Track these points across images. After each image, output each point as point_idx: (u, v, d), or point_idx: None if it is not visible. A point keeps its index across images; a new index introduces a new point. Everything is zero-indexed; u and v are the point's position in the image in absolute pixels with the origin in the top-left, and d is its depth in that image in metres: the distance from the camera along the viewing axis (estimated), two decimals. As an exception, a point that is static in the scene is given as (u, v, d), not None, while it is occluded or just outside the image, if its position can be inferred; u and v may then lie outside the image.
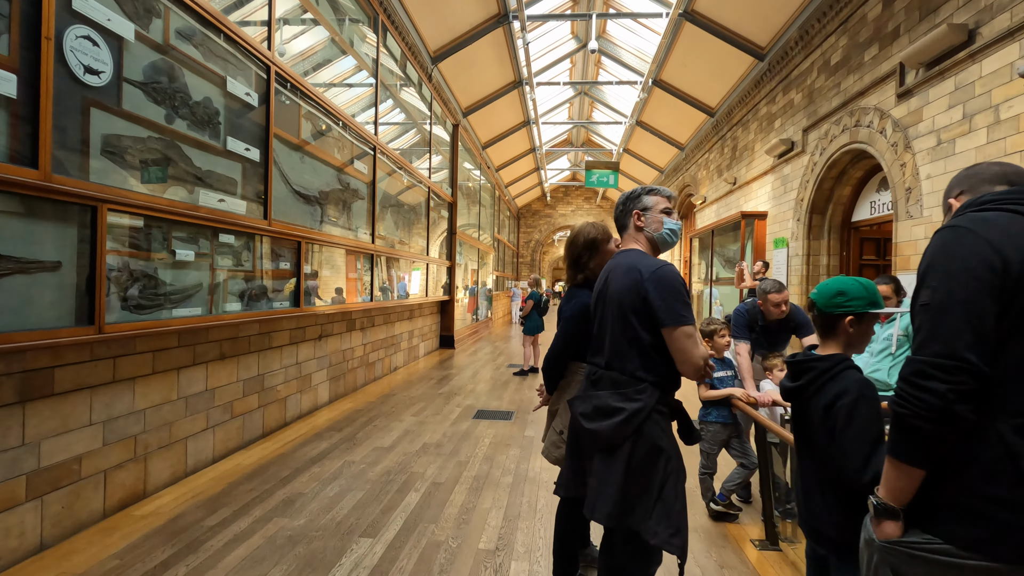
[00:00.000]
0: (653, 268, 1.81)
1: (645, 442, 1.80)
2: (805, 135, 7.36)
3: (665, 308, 1.74)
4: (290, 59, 5.50)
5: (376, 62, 6.59)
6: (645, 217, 1.96)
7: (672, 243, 1.97)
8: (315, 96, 4.88)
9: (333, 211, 5.47)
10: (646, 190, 2.00)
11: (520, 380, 7.57)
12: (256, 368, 4.36)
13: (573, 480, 2.03)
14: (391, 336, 7.80)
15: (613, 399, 1.86)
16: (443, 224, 10.67)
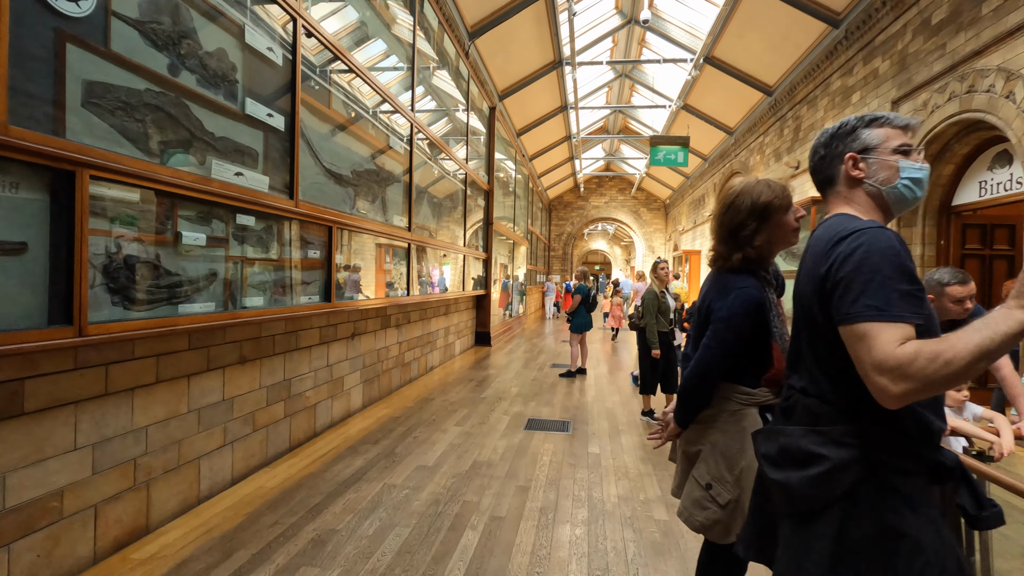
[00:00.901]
0: (846, 233, 1.13)
1: (866, 518, 1.10)
2: (895, 107, 6.46)
3: (845, 293, 1.06)
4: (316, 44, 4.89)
5: (413, 34, 5.95)
6: (868, 162, 1.25)
7: (913, 201, 1.25)
8: (347, 59, 4.26)
9: (367, 195, 4.86)
10: (866, 119, 1.28)
11: (568, 383, 6.89)
12: (282, 372, 3.78)
13: (759, 539, 1.34)
14: (427, 333, 7.21)
15: (807, 440, 1.18)
16: (478, 214, 10.03)
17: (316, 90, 4.03)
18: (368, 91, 4.89)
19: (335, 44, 4.05)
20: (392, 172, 5.51)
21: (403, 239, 5.68)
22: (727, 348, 1.51)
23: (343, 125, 4.48)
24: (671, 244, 23.31)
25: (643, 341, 5.04)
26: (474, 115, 9.20)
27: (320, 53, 4.01)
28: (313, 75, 3.94)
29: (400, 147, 5.77)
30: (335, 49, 4.05)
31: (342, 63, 4.27)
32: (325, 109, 4.09)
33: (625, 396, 6.17)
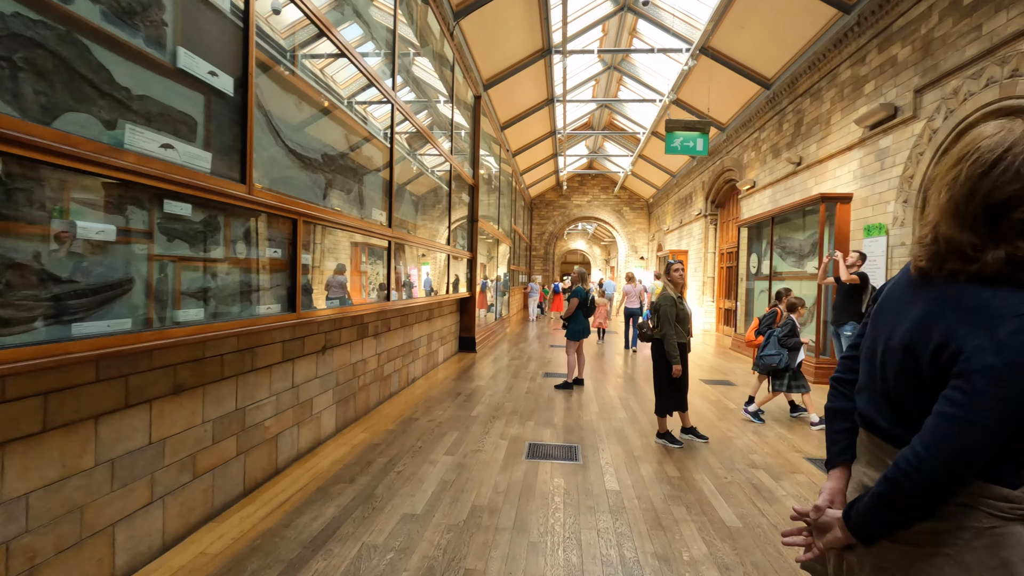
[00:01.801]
0: None
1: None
2: (918, 97, 5.99)
3: None
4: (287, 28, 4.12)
5: (395, 9, 5.22)
6: None
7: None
8: (315, 16, 3.52)
9: (341, 185, 4.13)
10: None
11: (566, 396, 6.25)
12: (233, 400, 3.04)
13: None
14: (409, 342, 6.48)
15: None
16: (462, 211, 9.32)
17: (276, 48, 3.30)
18: (341, 66, 4.16)
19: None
20: (370, 160, 4.78)
21: (383, 236, 4.96)
22: (1002, 421, 0.86)
23: (313, 100, 3.75)
24: (654, 244, 22.92)
25: (660, 354, 4.42)
26: (459, 104, 8.49)
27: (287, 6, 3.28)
28: (274, 36, 3.20)
29: (380, 133, 5.04)
30: (301, 3, 3.32)
31: (312, 25, 3.53)
32: (290, 77, 3.35)
33: (632, 411, 5.55)
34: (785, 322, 5.22)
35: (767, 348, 5.22)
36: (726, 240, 14.45)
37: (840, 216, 7.39)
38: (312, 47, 3.74)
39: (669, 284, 4.53)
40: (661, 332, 4.37)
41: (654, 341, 4.48)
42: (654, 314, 4.48)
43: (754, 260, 10.72)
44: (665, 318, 4.35)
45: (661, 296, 4.44)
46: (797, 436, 4.79)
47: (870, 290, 6.15)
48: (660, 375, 4.43)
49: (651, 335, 4.50)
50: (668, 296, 4.40)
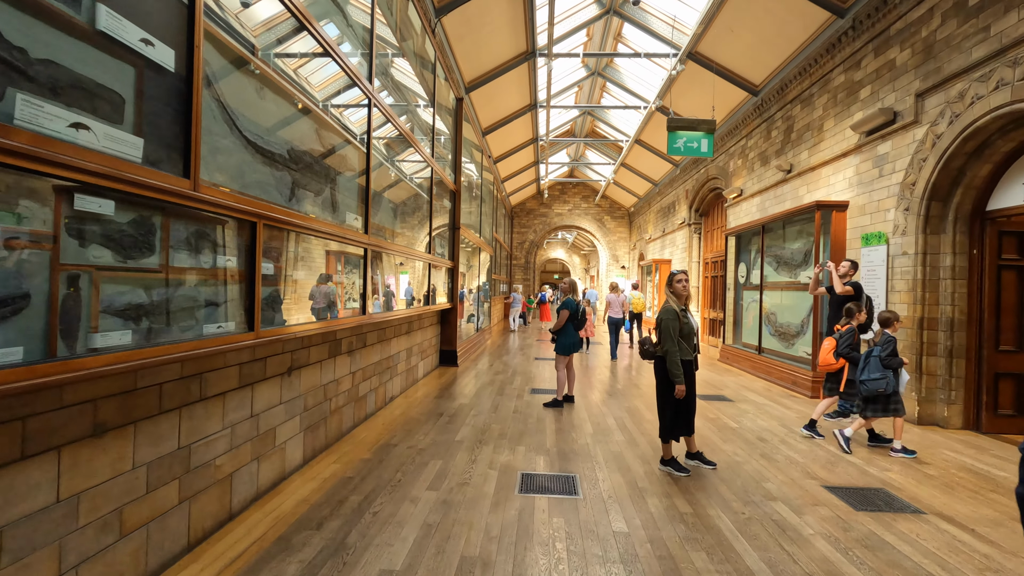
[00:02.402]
0: None
1: None
2: (919, 101, 5.78)
3: None
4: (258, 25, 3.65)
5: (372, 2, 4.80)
6: None
7: None
8: None
9: (311, 186, 3.67)
10: None
11: (556, 415, 5.82)
12: (175, 438, 2.54)
13: None
14: (386, 358, 5.99)
15: None
16: (443, 217, 8.88)
17: (232, 24, 2.84)
18: (311, 49, 3.71)
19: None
20: (345, 161, 4.32)
21: (358, 244, 4.49)
22: None
23: (279, 89, 3.28)
24: (636, 253, 22.77)
25: (663, 374, 4.03)
26: (440, 107, 8.08)
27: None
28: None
29: (355, 130, 4.59)
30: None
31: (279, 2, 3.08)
32: (249, 56, 2.89)
33: (629, 432, 5.15)
34: (885, 340, 4.64)
35: (868, 371, 4.62)
36: (711, 249, 14.28)
37: (836, 224, 7.17)
38: (273, 22, 3.28)
39: (672, 296, 4.14)
40: (663, 349, 3.98)
41: (656, 359, 4.10)
42: (655, 329, 4.10)
43: (742, 270, 10.49)
44: (667, 333, 3.97)
45: (663, 309, 4.06)
46: (807, 459, 4.44)
47: (864, 300, 5.89)
48: (664, 396, 4.03)
49: (652, 352, 4.11)
50: (670, 309, 4.02)
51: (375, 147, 5.07)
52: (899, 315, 4.82)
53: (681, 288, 4.08)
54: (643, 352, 4.16)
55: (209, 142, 2.51)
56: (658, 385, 4.08)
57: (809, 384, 7.19)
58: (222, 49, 2.63)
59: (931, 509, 3.47)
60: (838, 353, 5.05)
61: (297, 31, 3.47)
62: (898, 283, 6.05)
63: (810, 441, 5.00)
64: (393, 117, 5.34)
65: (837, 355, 5.06)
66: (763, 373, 8.67)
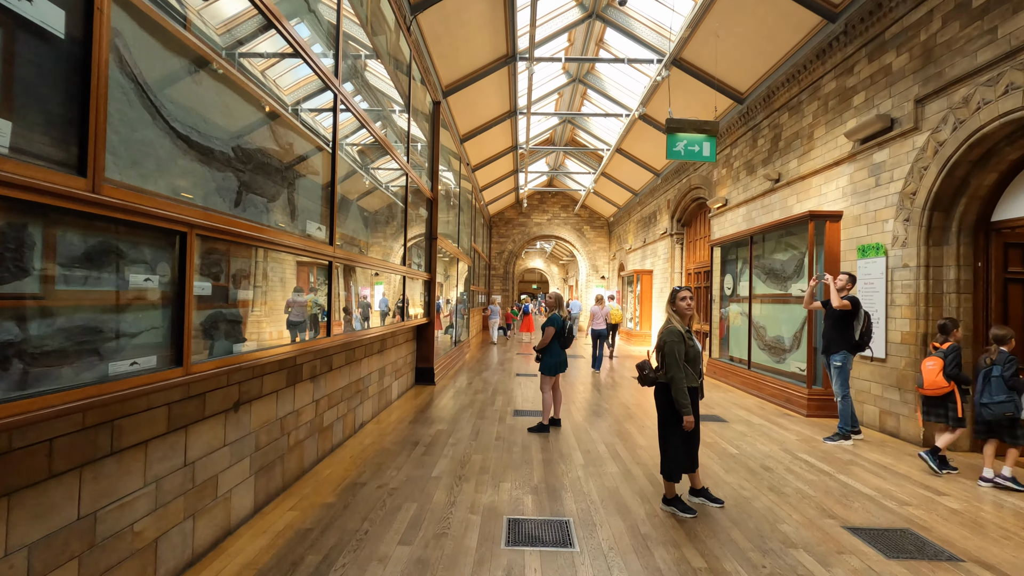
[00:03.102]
0: None
1: None
2: (919, 107, 5.54)
3: None
4: (221, 22, 3.12)
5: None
6: None
7: None
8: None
9: (263, 189, 3.16)
10: None
11: (543, 441, 5.35)
12: (74, 505, 2.00)
13: None
14: (356, 380, 5.45)
15: None
16: (419, 227, 8.38)
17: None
18: (263, 28, 3.21)
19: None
20: (307, 163, 3.81)
21: (323, 257, 3.97)
22: None
23: (220, 75, 2.78)
24: (616, 263, 22.55)
25: (666, 403, 3.59)
26: (416, 111, 7.61)
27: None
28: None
29: (321, 130, 4.09)
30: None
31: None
32: (178, 33, 2.38)
33: (622, 461, 4.71)
34: (1007, 359, 4.18)
35: (991, 394, 4.18)
36: (693, 260, 14.05)
37: (829, 235, 6.90)
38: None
39: (675, 315, 3.72)
40: (668, 375, 3.55)
41: (657, 386, 3.66)
42: (657, 352, 3.68)
43: (728, 281, 10.22)
44: (672, 358, 3.54)
45: (666, 331, 3.63)
46: (819, 492, 4.06)
47: (862, 315, 5.60)
48: (668, 429, 3.60)
49: (653, 378, 3.67)
50: (674, 330, 3.60)
51: (343, 150, 4.58)
52: (1012, 332, 4.35)
53: (685, 306, 3.67)
54: (642, 378, 3.72)
55: (122, 132, 2.00)
56: (660, 416, 3.64)
57: (804, 402, 6.87)
58: (141, 18, 2.12)
59: (967, 555, 3.09)
60: (948, 375, 4.48)
61: (246, 11, 2.98)
62: (899, 297, 5.77)
63: (816, 471, 4.63)
64: (363, 117, 4.85)
65: (948, 376, 4.49)
66: (754, 389, 8.34)
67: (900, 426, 5.71)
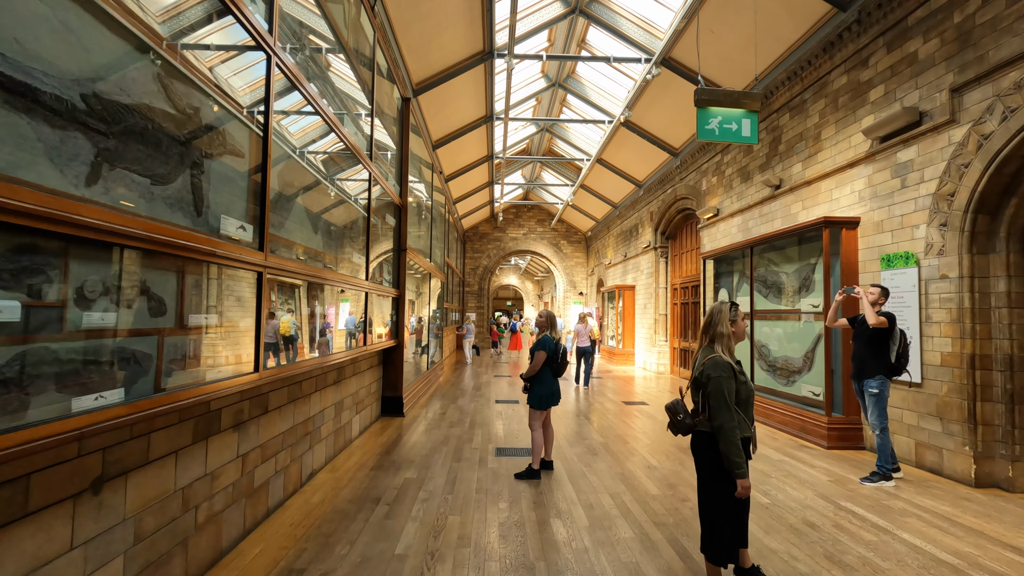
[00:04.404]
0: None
1: None
2: (955, 97, 4.88)
3: None
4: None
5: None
6: None
7: None
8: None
9: (146, 164, 2.18)
10: None
11: (535, 493, 4.39)
12: None
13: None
14: (304, 421, 4.42)
15: None
16: (386, 238, 7.41)
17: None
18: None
19: None
20: (223, 140, 2.84)
21: (245, 266, 2.98)
22: None
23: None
24: (594, 279, 21.85)
25: (710, 460, 2.66)
26: (382, 104, 6.69)
27: None
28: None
29: (239, 81, 3.13)
30: None
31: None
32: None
33: (637, 522, 3.79)
34: None
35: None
36: (679, 274, 13.37)
37: (846, 244, 6.19)
38: None
39: (722, 341, 2.75)
40: (714, 423, 2.63)
41: (696, 435, 2.75)
42: (695, 390, 2.77)
43: (723, 296, 9.50)
44: (719, 399, 2.59)
45: (710, 363, 2.67)
46: (891, 562, 3.20)
47: (898, 334, 4.86)
48: (713, 495, 2.67)
49: (690, 424, 2.76)
50: (722, 363, 2.66)
51: (279, 131, 3.62)
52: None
53: (741, 329, 2.79)
54: (675, 425, 2.78)
55: None
56: (702, 476, 2.72)
57: (824, 432, 6.08)
58: None
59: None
60: None
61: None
62: (936, 312, 5.05)
63: (871, 527, 3.79)
64: (310, 95, 3.90)
65: None
66: (761, 416, 7.55)
67: (943, 462, 4.95)
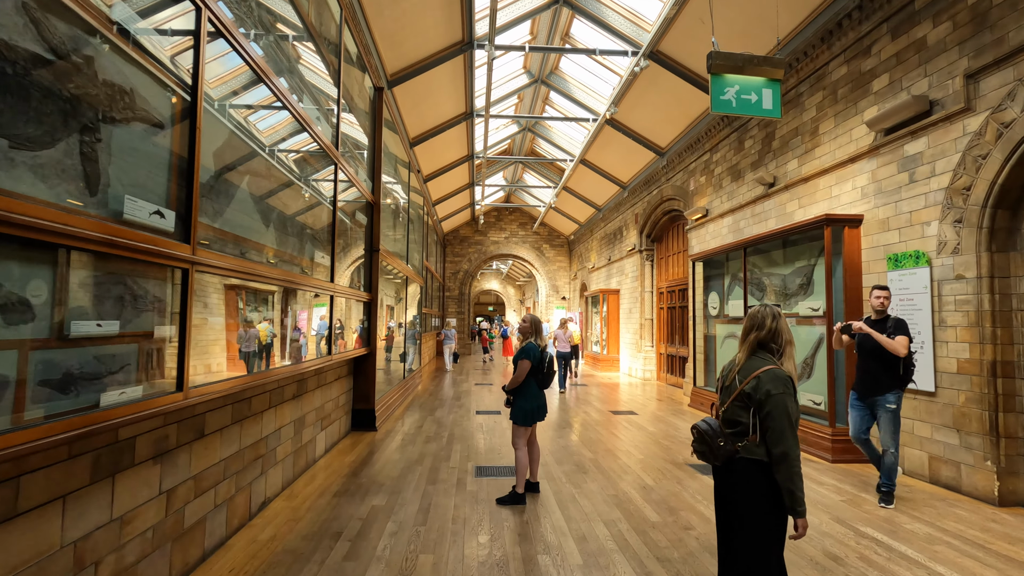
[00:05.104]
0: None
1: None
2: (971, 84, 4.54)
3: None
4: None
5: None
6: None
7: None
8: None
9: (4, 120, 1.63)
10: None
11: (519, 520, 3.87)
12: None
13: None
14: (255, 444, 3.83)
15: None
16: (357, 237, 6.85)
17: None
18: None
19: None
20: (128, 92, 2.29)
21: (166, 259, 2.42)
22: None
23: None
24: (577, 283, 21.46)
25: (759, 492, 2.13)
26: (352, 89, 6.15)
27: None
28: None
29: (172, 22, 2.57)
30: None
31: None
32: None
33: (639, 560, 3.29)
34: None
35: None
36: (665, 277, 13.01)
37: (849, 244, 5.82)
38: None
39: (773, 348, 2.24)
40: (776, 449, 2.08)
41: (736, 463, 2.21)
42: (742, 408, 2.21)
43: (713, 300, 9.12)
44: (784, 421, 2.07)
45: (769, 376, 2.14)
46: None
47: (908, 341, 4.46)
48: (762, 536, 2.14)
49: (731, 451, 2.20)
50: (783, 376, 2.14)
51: (215, 101, 3.07)
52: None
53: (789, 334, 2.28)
54: (714, 451, 2.20)
55: None
56: (746, 515, 2.17)
57: (828, 445, 5.67)
58: None
59: None
60: None
61: None
62: (951, 316, 4.68)
63: (900, 558, 3.35)
64: (245, 48, 3.36)
65: None
66: (756, 425, 7.13)
67: (962, 477, 4.56)
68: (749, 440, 2.15)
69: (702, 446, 2.25)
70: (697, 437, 2.26)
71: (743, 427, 2.19)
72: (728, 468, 2.22)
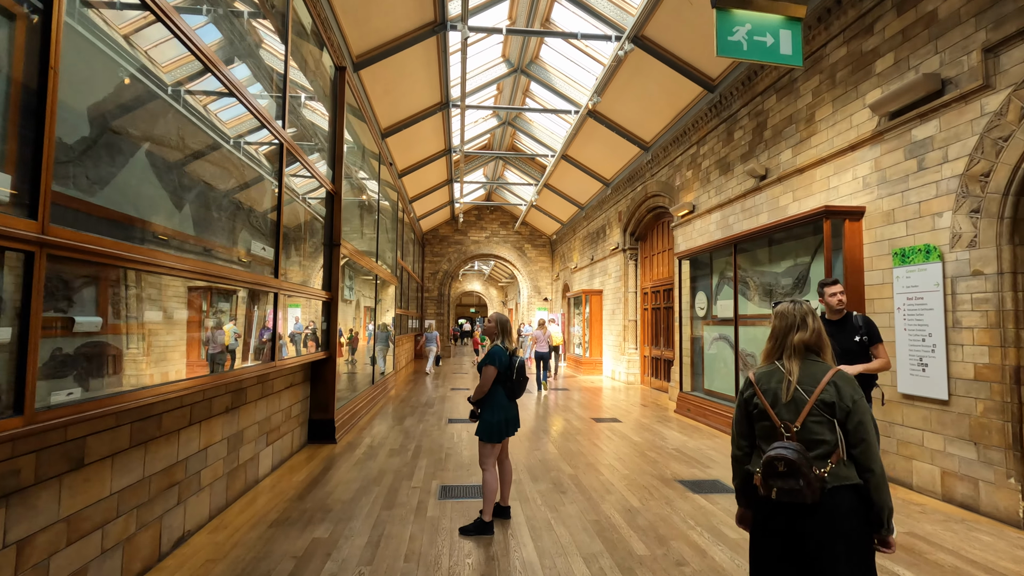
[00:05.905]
0: None
1: None
2: (990, 59, 4.08)
3: None
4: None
5: None
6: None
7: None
8: None
9: None
10: None
11: (484, 557, 3.29)
12: None
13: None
14: (167, 469, 3.19)
15: None
16: (314, 232, 6.21)
17: None
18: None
19: None
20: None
21: (9, 241, 1.81)
22: None
23: None
24: (559, 284, 20.95)
25: (858, 523, 1.65)
26: (306, 61, 5.53)
27: None
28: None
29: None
30: None
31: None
32: None
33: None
34: None
35: None
36: (650, 277, 12.54)
37: (849, 238, 5.36)
38: None
39: (823, 352, 1.84)
40: (876, 466, 1.67)
41: (831, 493, 1.65)
42: (821, 423, 1.69)
43: (701, 300, 8.65)
44: (872, 432, 1.72)
45: (846, 380, 1.73)
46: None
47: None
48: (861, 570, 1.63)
49: (821, 479, 1.63)
50: (852, 379, 1.76)
51: (85, 21, 2.46)
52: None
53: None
54: (810, 482, 1.60)
55: None
56: (854, 556, 1.63)
57: (828, 457, 5.20)
58: None
59: None
60: None
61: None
62: (967, 316, 4.22)
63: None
64: (161, 6, 2.73)
65: None
66: (747, 434, 6.65)
67: (980, 496, 4.10)
68: (834, 461, 1.67)
69: (793, 482, 1.62)
70: (787, 471, 1.62)
71: (827, 447, 1.70)
72: (812, 503, 1.63)
